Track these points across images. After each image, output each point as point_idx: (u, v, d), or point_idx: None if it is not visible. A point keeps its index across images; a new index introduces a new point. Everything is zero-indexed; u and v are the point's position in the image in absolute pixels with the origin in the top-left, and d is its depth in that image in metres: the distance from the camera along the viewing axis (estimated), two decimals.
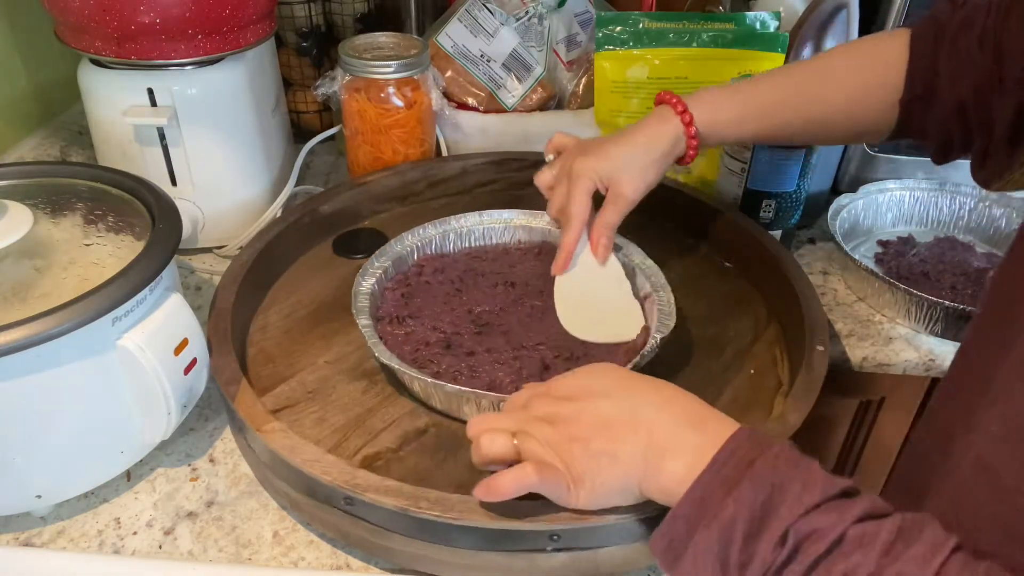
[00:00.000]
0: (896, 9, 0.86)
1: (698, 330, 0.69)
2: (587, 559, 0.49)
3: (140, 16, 0.68)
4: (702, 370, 0.65)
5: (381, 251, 0.69)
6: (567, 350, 0.62)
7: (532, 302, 0.66)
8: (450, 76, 0.92)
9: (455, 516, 0.47)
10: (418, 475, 0.55)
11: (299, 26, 0.98)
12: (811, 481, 0.38)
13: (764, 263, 0.72)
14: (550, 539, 0.47)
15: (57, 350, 0.48)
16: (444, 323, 0.64)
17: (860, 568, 0.34)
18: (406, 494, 0.48)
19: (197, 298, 0.77)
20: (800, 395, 0.56)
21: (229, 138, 0.78)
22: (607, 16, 0.86)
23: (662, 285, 0.65)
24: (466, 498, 0.47)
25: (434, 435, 0.58)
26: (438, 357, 0.61)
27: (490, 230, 0.75)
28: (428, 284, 0.69)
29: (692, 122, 0.63)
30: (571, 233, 0.64)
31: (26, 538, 0.54)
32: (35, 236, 0.54)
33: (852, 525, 0.36)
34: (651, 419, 0.43)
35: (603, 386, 0.46)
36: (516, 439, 0.45)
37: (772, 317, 0.71)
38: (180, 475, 0.59)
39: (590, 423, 0.44)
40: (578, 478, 0.44)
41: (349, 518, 0.50)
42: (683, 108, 0.63)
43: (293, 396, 0.61)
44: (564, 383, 0.48)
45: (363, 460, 0.56)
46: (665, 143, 0.63)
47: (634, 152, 0.64)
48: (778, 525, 0.36)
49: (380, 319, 0.65)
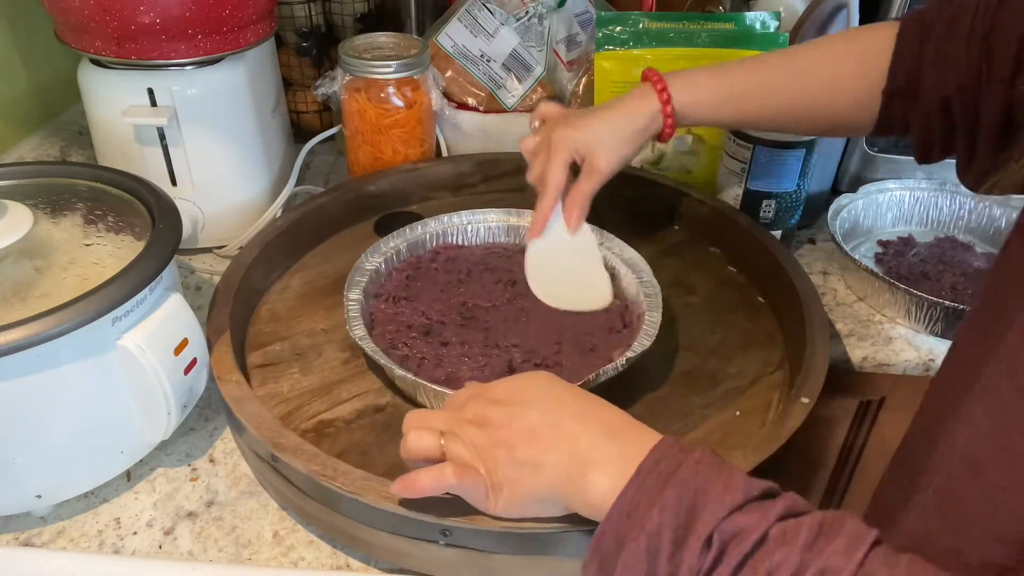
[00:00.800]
0: (896, 9, 0.86)
1: (699, 360, 0.66)
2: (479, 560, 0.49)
3: (140, 16, 0.68)
4: (684, 402, 0.62)
5: (398, 232, 0.71)
6: (538, 355, 0.61)
7: (522, 303, 0.66)
8: (450, 76, 0.92)
9: (353, 492, 0.48)
10: (358, 449, 0.57)
11: (299, 26, 0.98)
12: (732, 484, 0.38)
13: (791, 304, 0.67)
14: (442, 534, 0.48)
15: (57, 350, 0.48)
16: (433, 310, 0.65)
17: (784, 565, 0.34)
18: (318, 461, 0.50)
19: (197, 298, 0.77)
20: (756, 445, 0.52)
21: (229, 138, 0.78)
22: (607, 16, 0.86)
23: (656, 305, 0.63)
24: (369, 476, 0.49)
25: (390, 414, 0.60)
26: (413, 341, 0.62)
27: (513, 228, 0.75)
28: (435, 271, 0.70)
29: (670, 100, 0.63)
30: (546, 199, 0.66)
31: (26, 538, 0.54)
32: (35, 236, 0.54)
33: (774, 523, 0.36)
34: (574, 431, 0.43)
35: (534, 394, 0.46)
36: (443, 439, 0.45)
37: (784, 362, 0.67)
38: (180, 475, 0.59)
39: (518, 430, 0.44)
40: (497, 484, 0.44)
41: (280, 477, 0.53)
42: (663, 87, 0.64)
43: (282, 355, 0.65)
44: (500, 387, 0.47)
45: (316, 424, 0.59)
46: (641, 120, 0.64)
47: (612, 127, 0.65)
48: (703, 529, 0.36)
49: (378, 296, 0.66)
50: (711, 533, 0.36)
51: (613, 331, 0.64)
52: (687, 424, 0.60)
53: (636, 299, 0.66)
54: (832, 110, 0.63)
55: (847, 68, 0.61)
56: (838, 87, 0.62)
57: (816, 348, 0.61)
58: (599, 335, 0.63)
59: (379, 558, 0.52)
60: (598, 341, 0.63)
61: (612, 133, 0.65)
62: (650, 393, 0.63)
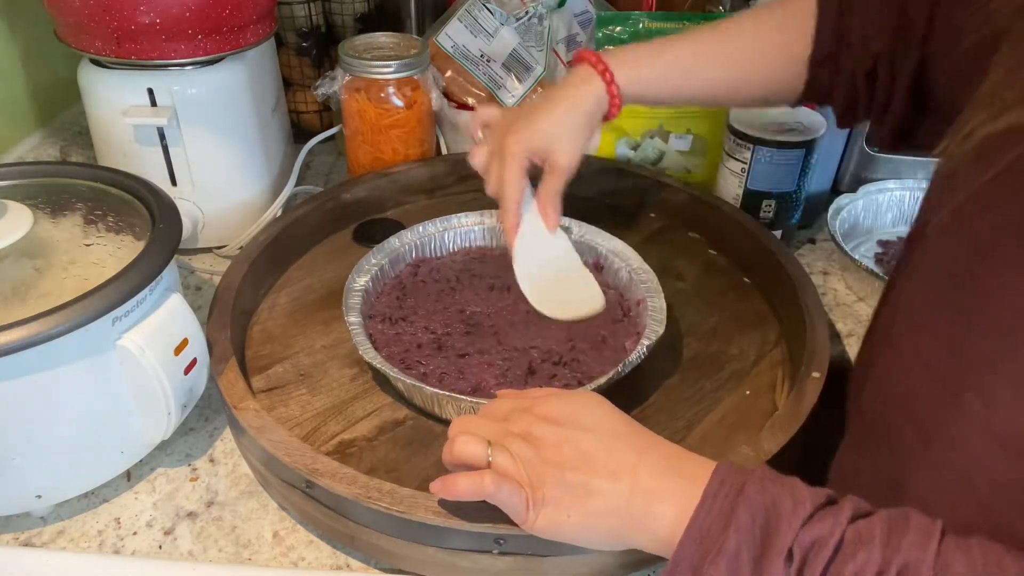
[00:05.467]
0: None
1: (701, 345, 0.67)
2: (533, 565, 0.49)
3: (140, 16, 0.68)
4: (695, 387, 0.63)
5: (379, 248, 0.69)
6: (555, 354, 0.62)
7: (526, 306, 0.66)
8: (450, 76, 0.92)
9: (402, 510, 0.47)
10: (387, 466, 0.56)
11: (299, 26, 0.98)
12: (799, 495, 0.38)
13: (782, 284, 0.70)
14: (495, 542, 0.48)
15: (57, 350, 0.48)
16: (436, 323, 0.65)
17: (868, 565, 0.35)
18: (360, 483, 0.49)
19: (197, 298, 0.77)
20: (781, 423, 0.54)
21: (229, 138, 0.78)
22: (607, 16, 0.86)
23: (656, 290, 0.65)
24: (416, 493, 0.48)
25: (410, 428, 0.59)
26: (428, 359, 0.61)
27: (490, 230, 0.75)
28: (423, 284, 0.69)
29: (613, 80, 0.62)
30: (509, 216, 0.64)
31: (26, 538, 0.54)
32: (35, 236, 0.54)
33: (847, 527, 0.36)
34: (634, 463, 0.43)
35: (588, 419, 0.45)
36: (490, 449, 0.45)
37: (781, 339, 0.69)
38: (180, 475, 0.59)
39: (570, 454, 0.43)
40: (539, 501, 0.43)
41: (311, 501, 0.52)
42: (604, 67, 0.62)
43: (285, 377, 0.63)
44: (549, 404, 0.47)
45: (338, 445, 0.57)
46: (588, 104, 0.63)
47: (560, 120, 0.63)
48: (782, 544, 0.37)
49: (372, 317, 0.65)
50: (790, 546, 0.36)
51: (616, 320, 0.65)
52: (703, 408, 0.61)
53: (629, 286, 0.67)
54: (764, 79, 0.63)
55: (776, 38, 0.62)
56: (769, 57, 0.62)
57: (815, 322, 0.63)
58: (606, 326, 0.65)
59: (426, 573, 0.51)
60: (606, 332, 0.64)
61: (563, 126, 0.63)
62: (664, 381, 0.64)
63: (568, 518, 0.43)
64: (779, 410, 0.56)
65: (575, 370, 0.61)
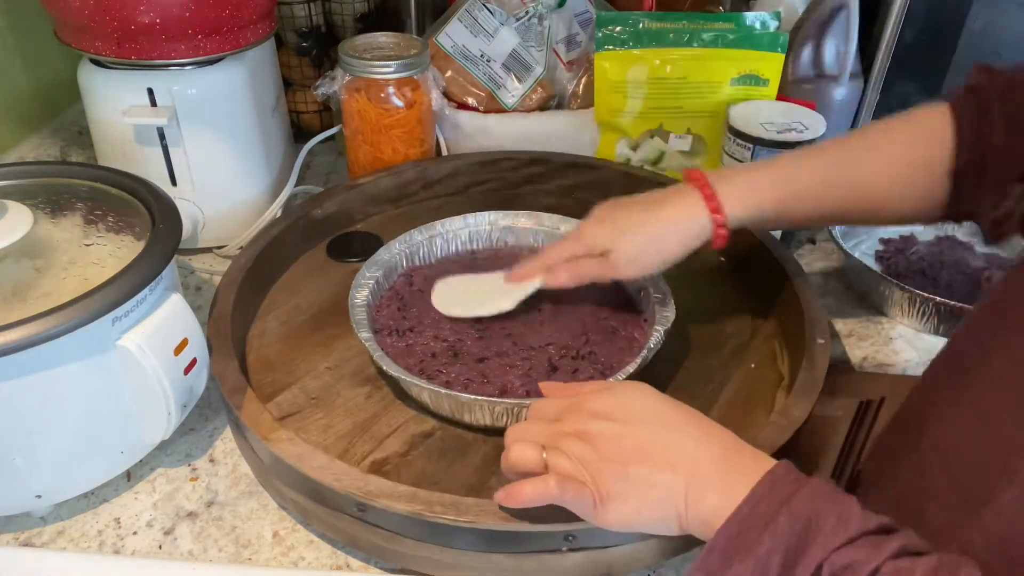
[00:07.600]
0: (896, 9, 0.86)
1: (697, 327, 0.69)
2: (599, 558, 0.49)
3: (140, 16, 0.68)
4: (704, 366, 0.66)
5: (371, 261, 0.69)
6: (572, 349, 0.62)
7: (537, 304, 0.66)
8: (450, 76, 0.92)
9: (470, 520, 0.47)
10: (428, 479, 0.55)
11: (299, 26, 0.98)
12: (847, 516, 0.37)
13: (759, 259, 0.72)
14: (565, 539, 0.48)
15: (57, 350, 0.48)
16: (445, 331, 0.64)
17: None
18: (420, 499, 0.48)
19: (197, 298, 0.77)
20: (803, 391, 0.56)
21: (229, 138, 0.78)
22: (607, 16, 0.86)
23: (657, 277, 0.65)
24: (480, 501, 0.48)
25: (440, 439, 0.58)
26: (447, 367, 0.61)
27: (476, 233, 0.75)
28: (421, 293, 0.69)
29: (719, 209, 0.57)
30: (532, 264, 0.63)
31: (26, 538, 0.54)
32: (35, 236, 0.54)
33: (887, 560, 0.35)
34: (692, 454, 0.43)
35: (640, 411, 0.46)
36: (546, 454, 0.45)
37: (768, 312, 0.71)
38: (180, 475, 0.59)
39: (629, 448, 0.44)
40: (606, 496, 0.43)
41: (360, 524, 0.50)
42: (711, 193, 0.58)
43: (296, 403, 0.61)
44: (599, 400, 0.46)
45: (372, 466, 0.56)
46: (686, 236, 0.58)
47: (650, 241, 0.59)
48: (813, 559, 0.36)
49: (378, 331, 0.64)
50: (821, 563, 0.36)
51: (621, 310, 0.66)
52: (716, 384, 0.64)
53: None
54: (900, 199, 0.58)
55: (909, 153, 0.57)
56: (905, 175, 0.57)
57: (804, 291, 0.66)
58: (613, 316, 0.66)
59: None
60: (616, 323, 0.65)
61: (650, 248, 0.59)
62: (676, 362, 0.66)
63: (636, 511, 0.43)
64: (797, 380, 0.58)
65: (593, 362, 0.61)
